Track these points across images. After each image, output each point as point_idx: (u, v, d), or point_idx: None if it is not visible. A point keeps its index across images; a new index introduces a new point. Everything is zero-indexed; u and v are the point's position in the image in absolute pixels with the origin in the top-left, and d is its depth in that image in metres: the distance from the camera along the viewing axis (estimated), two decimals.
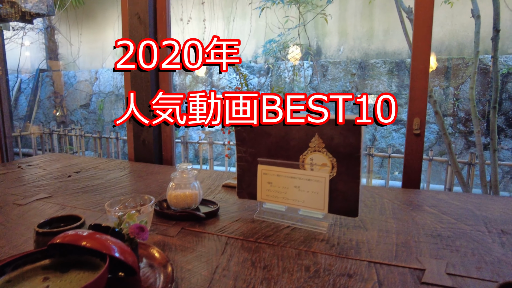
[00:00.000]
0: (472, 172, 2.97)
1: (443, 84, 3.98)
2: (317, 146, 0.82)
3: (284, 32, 4.06)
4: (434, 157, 3.10)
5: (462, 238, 0.80)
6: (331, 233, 0.82)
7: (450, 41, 4.15)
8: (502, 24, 4.02)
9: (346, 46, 4.41)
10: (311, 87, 4.48)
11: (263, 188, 0.91)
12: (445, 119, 3.96)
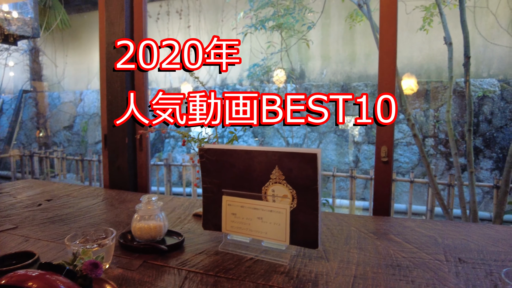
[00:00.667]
0: (452, 193, 3.02)
1: (423, 107, 4.09)
2: (277, 178, 0.84)
3: (267, 57, 4.16)
4: (417, 178, 3.15)
5: (420, 268, 0.81)
6: (292, 264, 0.82)
7: (428, 64, 4.31)
8: (476, 50, 4.21)
9: (329, 69, 4.53)
10: None
11: (227, 220, 0.91)
12: (426, 141, 4.05)
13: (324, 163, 4.30)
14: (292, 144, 4.51)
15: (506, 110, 3.86)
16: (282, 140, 4.57)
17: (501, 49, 4.09)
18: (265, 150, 0.84)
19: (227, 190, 0.90)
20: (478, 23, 4.15)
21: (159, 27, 5.77)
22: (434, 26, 3.50)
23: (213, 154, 0.91)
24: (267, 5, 3.54)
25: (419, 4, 3.34)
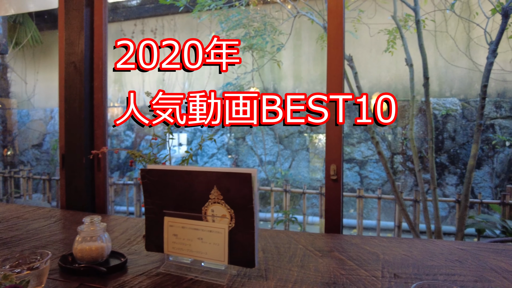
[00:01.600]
0: (418, 209, 3.10)
1: (392, 125, 4.24)
2: (216, 197, 0.85)
3: (240, 76, 4.23)
4: (386, 195, 3.23)
5: (355, 284, 0.83)
6: (230, 284, 0.83)
7: (396, 84, 4.49)
8: (439, 71, 4.43)
9: (301, 89, 4.64)
10: (269, 127, 4.61)
11: (169, 241, 0.91)
12: (395, 157, 4.17)
13: (296, 180, 4.34)
14: (265, 162, 4.54)
15: (467, 128, 4.05)
16: (255, 158, 4.60)
17: (461, 70, 4.33)
18: (204, 170, 0.86)
19: (168, 211, 0.91)
20: (439, 46, 4.40)
21: None
22: (398, 48, 3.68)
23: (154, 175, 0.92)
24: (238, 27, 3.64)
25: (383, 28, 3.52)
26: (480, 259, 1.00)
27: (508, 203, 3.02)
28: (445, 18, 4.39)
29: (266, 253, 1.03)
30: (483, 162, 4.05)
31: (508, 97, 4.25)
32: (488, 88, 4.34)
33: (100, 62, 1.65)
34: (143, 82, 5.67)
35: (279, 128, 4.59)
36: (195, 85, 5.30)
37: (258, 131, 4.57)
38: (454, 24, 4.38)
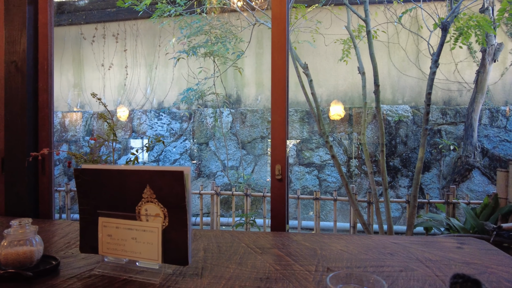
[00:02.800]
0: (372, 210, 3.24)
1: (348, 130, 4.42)
2: (149, 196, 0.85)
3: (201, 82, 4.24)
4: (342, 197, 3.34)
5: (288, 279, 0.86)
6: (164, 283, 0.83)
7: (352, 92, 4.70)
8: (392, 80, 4.69)
9: (263, 96, 4.72)
10: (232, 133, 4.64)
11: (103, 241, 0.89)
12: (351, 161, 4.34)
13: (258, 184, 4.38)
14: (228, 167, 4.55)
15: (418, 133, 4.32)
16: (219, 163, 4.60)
17: (412, 79, 4.61)
18: (137, 169, 0.86)
19: (102, 211, 0.89)
20: (392, 56, 4.67)
21: (94, 50, 5.61)
22: (353, 58, 3.87)
23: (88, 174, 0.90)
24: (199, 33, 3.65)
25: (338, 38, 3.68)
26: (410, 251, 1.07)
27: (452, 202, 3.24)
28: (396, 31, 4.68)
29: (207, 252, 1.04)
30: (431, 165, 4.32)
31: (453, 104, 4.58)
32: (435, 96, 4.67)
33: (45, 62, 1.59)
34: (103, 87, 5.50)
35: (242, 133, 4.63)
36: (158, 90, 5.22)
37: (221, 136, 4.57)
38: (405, 37, 4.68)
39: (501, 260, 1.01)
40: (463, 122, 4.35)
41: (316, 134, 4.44)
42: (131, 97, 5.34)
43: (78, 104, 5.69)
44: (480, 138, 4.34)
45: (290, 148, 4.33)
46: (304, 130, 4.46)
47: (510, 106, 4.50)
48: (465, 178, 4.30)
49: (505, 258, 1.03)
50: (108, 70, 5.36)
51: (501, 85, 4.65)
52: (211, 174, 4.61)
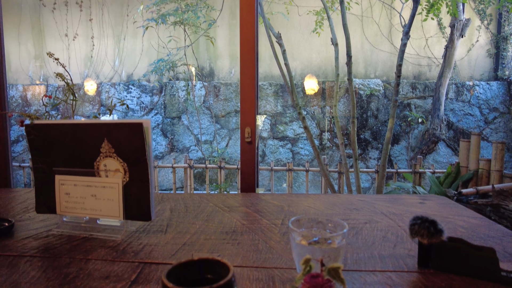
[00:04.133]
0: (342, 180, 3.32)
1: (321, 104, 4.45)
2: (107, 151, 0.81)
3: (173, 52, 4.08)
4: (313, 167, 3.40)
5: (254, 232, 0.86)
6: (126, 239, 0.80)
7: (326, 66, 4.70)
8: (365, 54, 4.72)
9: (237, 69, 4.63)
10: (205, 107, 4.55)
11: (61, 200, 0.85)
12: (323, 135, 4.40)
13: (233, 158, 4.37)
14: (202, 142, 4.49)
15: (388, 107, 4.42)
16: (192, 138, 4.52)
17: (384, 53, 4.67)
18: (93, 122, 0.81)
19: (58, 168, 0.84)
20: (366, 30, 4.68)
21: (56, 18, 5.24)
22: (326, 30, 3.84)
23: (40, 130, 0.84)
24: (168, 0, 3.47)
25: (312, 9, 3.62)
26: (375, 207, 1.10)
27: (418, 172, 3.38)
28: (370, 4, 4.67)
29: (173, 212, 1.02)
30: (400, 138, 4.46)
31: (422, 79, 4.70)
32: (405, 71, 4.76)
33: None
34: (68, 59, 5.18)
35: (215, 107, 4.55)
36: (127, 62, 4.99)
37: (194, 110, 4.47)
38: (379, 10, 4.68)
39: (458, 211, 1.06)
40: (432, 96, 4.49)
41: (290, 108, 4.45)
42: (98, 69, 5.08)
43: (41, 77, 5.36)
44: (446, 111, 4.51)
45: (264, 122, 4.31)
46: (278, 104, 4.45)
47: (474, 81, 4.68)
48: (431, 150, 4.48)
49: (462, 210, 1.08)
50: (72, 40, 5.04)
51: (467, 60, 4.81)
52: (184, 148, 4.54)
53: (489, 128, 4.58)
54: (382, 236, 0.83)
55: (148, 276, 0.62)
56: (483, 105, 4.58)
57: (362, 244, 0.78)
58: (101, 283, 0.60)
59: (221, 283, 0.37)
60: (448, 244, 0.64)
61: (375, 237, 0.83)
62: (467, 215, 1.02)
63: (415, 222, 0.67)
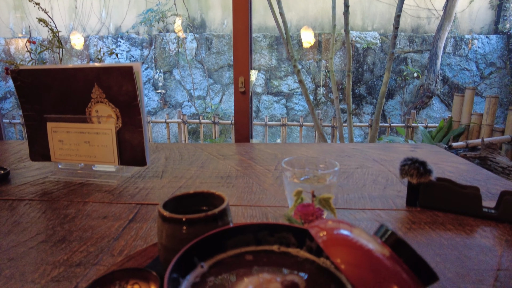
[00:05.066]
0: (335, 134, 3.35)
1: (317, 58, 4.35)
2: (98, 97, 0.79)
3: (162, 2, 3.86)
4: (307, 122, 3.41)
5: (248, 176, 0.88)
6: (122, 184, 0.82)
7: (322, 18, 4.52)
8: (362, 5, 4.53)
9: (229, 20, 4.43)
10: (197, 60, 4.42)
11: (55, 147, 0.85)
12: (318, 90, 4.36)
13: (227, 114, 4.35)
14: (195, 97, 4.43)
15: (385, 61, 4.34)
16: (184, 93, 4.45)
17: (382, 5, 4.48)
18: (82, 67, 0.78)
19: (50, 115, 0.83)
20: None
21: None
22: None
23: (27, 76, 0.81)
24: None
25: None
26: (367, 154, 1.12)
27: (411, 126, 3.41)
28: None
29: (169, 160, 1.03)
30: (395, 93, 4.44)
31: (420, 32, 4.57)
32: (404, 23, 4.60)
33: None
34: (51, 10, 4.90)
35: (208, 61, 4.43)
36: (114, 13, 4.74)
37: (186, 64, 4.35)
38: None
39: (448, 158, 1.08)
40: (429, 50, 4.39)
41: (285, 61, 4.34)
42: (84, 22, 4.84)
43: (23, 29, 5.10)
44: (442, 66, 4.45)
45: (258, 77, 4.23)
46: (273, 57, 4.33)
47: (473, 35, 4.57)
48: (425, 105, 4.49)
49: (452, 157, 1.11)
50: None
51: (468, 13, 4.65)
52: (177, 104, 4.48)
53: (484, 84, 4.56)
54: (372, 180, 0.86)
55: (146, 215, 0.64)
56: (480, 59, 4.52)
57: (353, 186, 0.81)
58: (100, 222, 0.61)
59: (216, 210, 0.38)
60: (435, 183, 0.66)
61: (365, 180, 0.85)
62: (455, 161, 1.05)
63: (406, 163, 0.68)
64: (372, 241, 0.28)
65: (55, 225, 0.61)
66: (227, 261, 0.33)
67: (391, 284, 0.25)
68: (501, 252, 0.52)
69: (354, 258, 0.26)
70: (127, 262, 0.45)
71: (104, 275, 0.38)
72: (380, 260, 0.26)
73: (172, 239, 0.38)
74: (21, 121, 3.63)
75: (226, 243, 0.34)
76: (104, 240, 0.55)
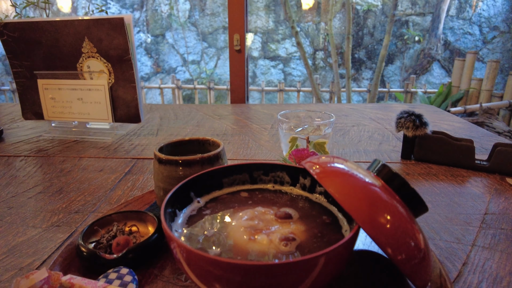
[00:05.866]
0: (333, 99, 3.33)
1: (315, 20, 4.21)
2: (89, 51, 0.77)
3: None
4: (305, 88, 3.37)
5: (244, 134, 0.88)
6: (117, 141, 0.81)
7: None
8: None
9: None
10: (190, 22, 4.27)
11: (47, 105, 0.83)
12: (317, 54, 4.27)
13: (222, 79, 4.28)
14: (189, 62, 4.33)
15: (385, 24, 4.22)
16: (178, 57, 4.34)
17: None
18: (71, 19, 0.75)
19: (40, 72, 0.81)
20: None
21: None
22: None
23: (14, 29, 0.78)
24: None
25: None
26: (364, 113, 1.12)
27: (410, 91, 3.39)
28: None
29: (163, 119, 1.02)
30: (395, 58, 4.36)
31: None
32: None
33: None
34: None
35: (202, 23, 4.28)
36: None
37: (179, 27, 4.21)
38: None
39: (444, 117, 1.08)
40: (431, 13, 4.26)
41: (283, 24, 4.21)
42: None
43: None
44: (445, 30, 4.34)
45: (254, 40, 4.12)
46: (270, 19, 4.19)
47: None
48: (425, 71, 4.43)
49: (448, 116, 1.11)
50: None
51: None
52: (171, 69, 4.39)
53: (487, 49, 4.47)
54: (368, 136, 0.86)
55: (142, 169, 0.65)
56: (484, 23, 4.40)
57: (349, 142, 0.81)
58: (96, 175, 0.62)
59: (212, 153, 0.38)
60: (431, 136, 0.67)
61: (361, 137, 0.85)
62: (452, 120, 1.05)
63: (402, 116, 0.68)
64: (365, 173, 0.28)
65: (52, 178, 0.61)
66: (223, 197, 0.33)
67: (384, 213, 0.25)
68: (489, 198, 0.54)
69: (348, 188, 0.26)
70: (124, 208, 0.45)
71: (102, 217, 0.39)
72: (373, 190, 0.26)
73: (169, 180, 0.38)
74: (10, 87, 3.56)
75: (222, 182, 0.35)
76: (101, 190, 0.56)
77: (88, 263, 0.33)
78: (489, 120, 2.82)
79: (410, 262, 0.25)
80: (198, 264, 0.23)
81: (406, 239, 0.25)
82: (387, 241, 0.24)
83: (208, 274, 0.23)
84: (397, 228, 0.25)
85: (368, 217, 0.24)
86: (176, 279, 0.33)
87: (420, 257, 0.25)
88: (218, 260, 0.21)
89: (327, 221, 0.30)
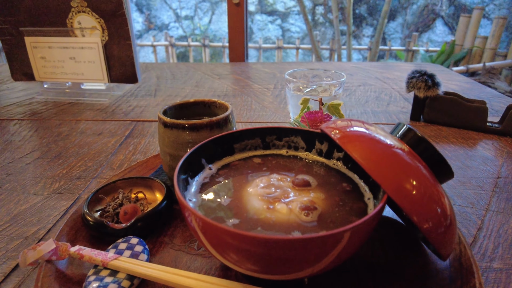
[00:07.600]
0: (333, 57, 3.23)
1: None
2: (79, 5, 0.71)
3: None
4: (304, 45, 3.25)
5: (246, 95, 0.84)
6: (114, 103, 0.78)
7: None
8: None
9: None
10: None
11: (38, 65, 0.79)
12: (316, 9, 4.07)
13: (216, 36, 4.11)
14: (182, 17, 4.12)
15: None
16: (171, 12, 4.13)
17: None
18: None
19: (26, 28, 0.75)
20: None
21: None
22: None
23: None
24: None
25: None
26: (369, 72, 1.08)
27: (411, 50, 3.28)
28: None
29: (161, 79, 0.98)
30: (397, 14, 4.18)
31: None
32: None
33: None
34: None
35: None
36: None
37: None
38: None
39: (452, 77, 1.05)
40: None
41: None
42: None
43: None
44: None
45: None
46: None
47: None
48: (427, 28, 4.27)
49: (456, 76, 1.07)
50: None
51: None
52: (163, 25, 4.18)
53: (493, 4, 4.28)
54: (375, 97, 0.83)
55: (143, 131, 0.62)
56: None
57: (356, 103, 0.78)
58: (95, 139, 0.59)
59: (220, 117, 0.36)
60: (442, 97, 0.64)
61: (368, 97, 0.82)
62: (460, 80, 1.02)
63: (413, 75, 0.65)
64: (390, 138, 0.26)
65: (50, 143, 0.58)
66: (236, 164, 0.31)
67: (413, 181, 0.24)
68: (502, 162, 0.52)
69: (375, 155, 0.24)
70: (128, 173, 0.43)
71: (106, 184, 0.37)
72: (401, 157, 0.25)
73: (175, 145, 0.36)
74: None
75: (234, 147, 0.33)
76: (102, 155, 0.54)
77: (96, 232, 0.32)
78: (491, 80, 2.78)
79: (437, 231, 0.24)
80: (218, 237, 0.21)
81: (434, 207, 0.24)
82: (416, 210, 0.23)
83: (227, 246, 0.21)
84: (425, 196, 0.23)
85: (398, 186, 0.23)
86: (188, 247, 0.32)
87: (447, 225, 0.24)
88: (242, 234, 0.20)
89: (347, 189, 0.28)
